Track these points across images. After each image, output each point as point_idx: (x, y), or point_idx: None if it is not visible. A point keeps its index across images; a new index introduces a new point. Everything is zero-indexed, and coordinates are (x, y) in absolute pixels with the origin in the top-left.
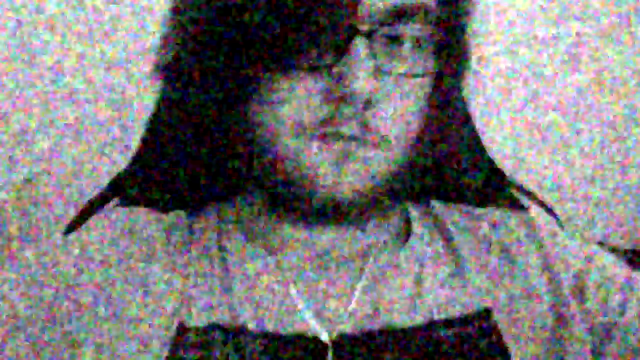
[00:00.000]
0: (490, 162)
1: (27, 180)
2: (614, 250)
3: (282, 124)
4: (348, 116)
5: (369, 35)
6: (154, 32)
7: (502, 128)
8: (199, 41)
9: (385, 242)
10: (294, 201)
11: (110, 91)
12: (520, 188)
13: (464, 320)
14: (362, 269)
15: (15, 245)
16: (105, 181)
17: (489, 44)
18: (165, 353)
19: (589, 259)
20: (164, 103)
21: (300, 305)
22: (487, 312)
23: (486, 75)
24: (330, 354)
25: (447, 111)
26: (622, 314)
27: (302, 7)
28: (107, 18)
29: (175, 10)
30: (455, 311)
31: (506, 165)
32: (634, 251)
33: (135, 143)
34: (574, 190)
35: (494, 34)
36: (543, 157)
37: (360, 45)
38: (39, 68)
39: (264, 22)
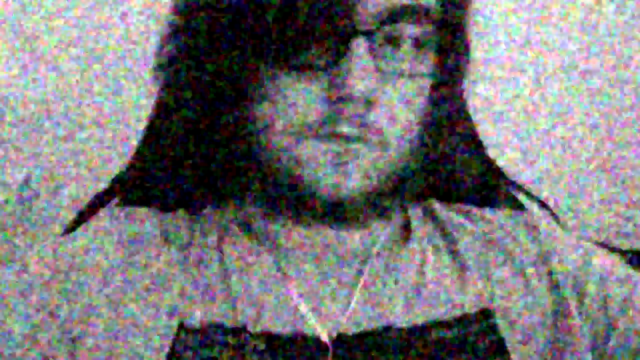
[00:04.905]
0: (490, 162)
1: (27, 180)
2: (614, 250)
3: (282, 123)
4: (348, 116)
5: (369, 35)
6: (154, 32)
7: (502, 128)
8: (198, 41)
9: (385, 242)
10: (293, 201)
11: (110, 91)
12: (520, 188)
13: (464, 320)
14: (362, 269)
15: (15, 245)
16: (105, 181)
17: (489, 43)
18: (165, 353)
19: (588, 259)
20: (164, 102)
21: (300, 305)
22: (487, 312)
23: (486, 75)
24: (330, 354)
25: (447, 111)
26: (622, 314)
27: (302, 7)
28: (108, 17)
29: (175, 10)
30: (455, 311)
31: (506, 165)
32: (634, 251)
33: (135, 143)
34: (574, 190)
35: (495, 34)
36: (543, 157)
37: (360, 45)
38: (39, 68)
39: (264, 22)
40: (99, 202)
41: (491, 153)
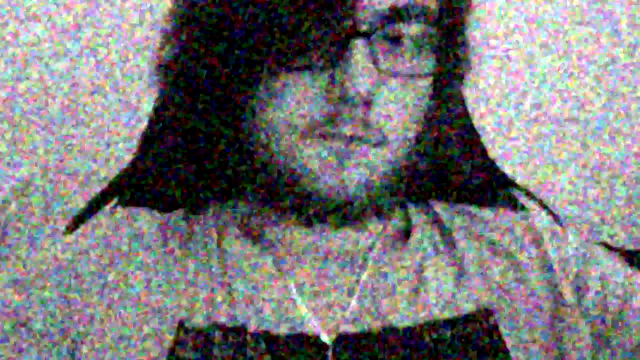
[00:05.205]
0: (491, 162)
1: (27, 180)
2: (614, 250)
3: (283, 124)
4: (348, 116)
5: (369, 35)
6: (154, 32)
7: (502, 128)
8: (199, 41)
9: (385, 242)
10: (294, 201)
11: (110, 91)
12: (520, 188)
13: (464, 320)
14: (362, 269)
15: (15, 245)
16: (105, 181)
17: (489, 44)
18: (165, 353)
19: (589, 259)
20: (164, 103)
21: (300, 305)
22: (487, 312)
23: (486, 75)
24: (330, 354)
25: (447, 111)
26: (622, 313)
27: (303, 8)
28: (108, 17)
29: (176, 11)
30: (455, 311)
31: (506, 165)
32: (634, 251)
33: (135, 143)
34: (574, 191)
35: (495, 34)
36: (543, 157)
37: (360, 45)
38: (39, 68)
39: (265, 22)
40: (99, 202)
41: (491, 153)
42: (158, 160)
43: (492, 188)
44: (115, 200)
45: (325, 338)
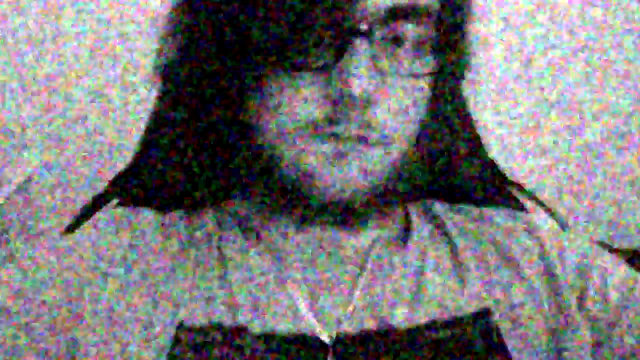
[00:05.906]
0: (491, 162)
1: (27, 181)
2: (614, 250)
3: (282, 123)
4: (348, 116)
5: (369, 35)
6: (154, 32)
7: (502, 128)
8: (198, 41)
9: (385, 242)
10: (293, 201)
11: (110, 91)
12: (520, 188)
13: (464, 320)
14: (362, 269)
15: (15, 245)
16: (105, 181)
17: (489, 44)
18: (165, 353)
19: (589, 259)
20: (164, 103)
21: (301, 305)
22: (487, 312)
23: (486, 75)
24: (330, 354)
25: (447, 111)
26: (622, 314)
27: (302, 7)
28: (107, 17)
29: (175, 11)
30: (455, 311)
31: (506, 165)
32: (634, 251)
33: (135, 143)
34: (574, 190)
35: (494, 34)
36: (543, 157)
37: (360, 45)
38: (39, 68)
39: (264, 22)
40: (99, 202)
41: (491, 153)
42: (158, 160)
43: (492, 188)
44: (115, 200)
45: (325, 338)
